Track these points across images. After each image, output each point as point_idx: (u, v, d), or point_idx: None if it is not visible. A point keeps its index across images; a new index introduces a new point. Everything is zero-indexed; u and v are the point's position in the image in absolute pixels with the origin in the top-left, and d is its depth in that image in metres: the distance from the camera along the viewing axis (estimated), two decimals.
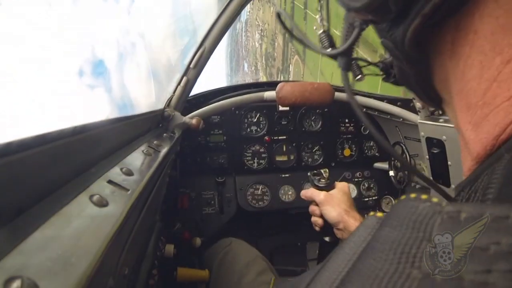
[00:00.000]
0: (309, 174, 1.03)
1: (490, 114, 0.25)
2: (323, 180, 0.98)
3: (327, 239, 0.99)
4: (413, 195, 0.22)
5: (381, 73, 0.48)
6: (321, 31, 0.49)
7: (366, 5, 0.26)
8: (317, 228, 1.00)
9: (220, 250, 1.06)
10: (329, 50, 0.47)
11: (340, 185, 0.98)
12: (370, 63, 0.48)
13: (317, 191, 0.97)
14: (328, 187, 0.97)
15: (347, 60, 0.44)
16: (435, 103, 0.34)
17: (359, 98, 1.43)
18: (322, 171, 0.99)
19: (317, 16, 0.49)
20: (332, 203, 0.92)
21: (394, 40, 0.28)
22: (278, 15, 0.50)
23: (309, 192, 0.99)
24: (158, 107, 1.02)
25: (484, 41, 0.24)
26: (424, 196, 0.22)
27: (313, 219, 0.99)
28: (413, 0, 0.24)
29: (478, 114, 0.26)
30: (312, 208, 0.99)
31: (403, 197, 0.23)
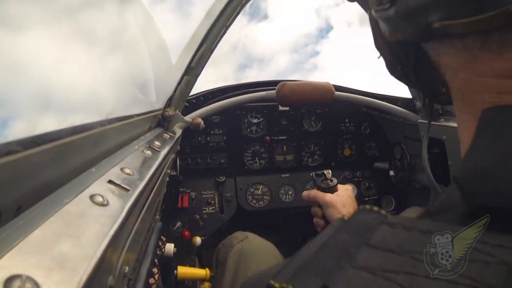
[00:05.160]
0: (312, 174, 1.01)
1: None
2: (327, 182, 0.96)
3: None
4: (368, 206, 0.27)
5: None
6: None
7: None
8: (319, 229, 0.98)
9: (236, 242, 1.06)
10: None
11: (344, 187, 0.97)
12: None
13: (321, 192, 0.95)
14: (332, 188, 0.95)
15: None
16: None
17: (360, 97, 1.43)
18: (325, 172, 0.97)
19: None
20: (337, 205, 0.90)
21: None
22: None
23: (312, 193, 0.97)
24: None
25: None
26: (375, 208, 0.26)
27: (315, 220, 0.98)
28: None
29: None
30: (315, 209, 0.98)
31: (360, 207, 0.27)
